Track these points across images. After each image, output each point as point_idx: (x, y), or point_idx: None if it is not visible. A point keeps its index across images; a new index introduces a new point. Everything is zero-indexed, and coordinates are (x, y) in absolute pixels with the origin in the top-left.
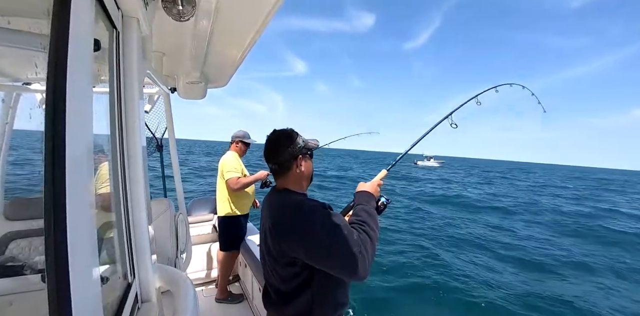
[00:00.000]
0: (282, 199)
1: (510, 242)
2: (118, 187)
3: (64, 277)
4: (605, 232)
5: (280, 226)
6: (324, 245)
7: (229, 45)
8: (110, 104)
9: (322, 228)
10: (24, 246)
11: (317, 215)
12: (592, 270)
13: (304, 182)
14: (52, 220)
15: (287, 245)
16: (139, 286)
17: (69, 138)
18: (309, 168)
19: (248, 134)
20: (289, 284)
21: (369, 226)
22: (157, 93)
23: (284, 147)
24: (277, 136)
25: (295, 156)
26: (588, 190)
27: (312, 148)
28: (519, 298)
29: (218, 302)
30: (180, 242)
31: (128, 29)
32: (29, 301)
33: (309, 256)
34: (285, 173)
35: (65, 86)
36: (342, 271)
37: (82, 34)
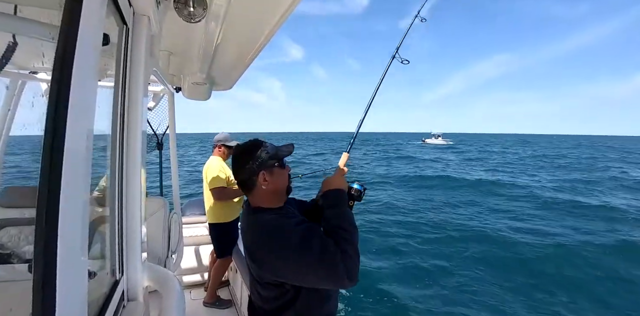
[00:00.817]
0: (254, 221)
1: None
2: (115, 183)
3: (51, 269)
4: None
5: (255, 251)
6: (302, 264)
7: (236, 49)
8: (114, 99)
9: (296, 248)
10: (13, 234)
11: (288, 233)
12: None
13: (276, 197)
14: (44, 210)
15: (265, 268)
16: (126, 284)
17: (69, 130)
18: (279, 182)
19: (230, 136)
20: (272, 304)
21: (343, 229)
22: (162, 92)
23: (242, 163)
24: (236, 152)
25: (255, 172)
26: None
27: (281, 157)
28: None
29: (206, 306)
30: (172, 242)
31: (138, 26)
32: (13, 290)
33: (291, 277)
34: (251, 190)
35: (71, 77)
36: (329, 283)
37: (92, 27)
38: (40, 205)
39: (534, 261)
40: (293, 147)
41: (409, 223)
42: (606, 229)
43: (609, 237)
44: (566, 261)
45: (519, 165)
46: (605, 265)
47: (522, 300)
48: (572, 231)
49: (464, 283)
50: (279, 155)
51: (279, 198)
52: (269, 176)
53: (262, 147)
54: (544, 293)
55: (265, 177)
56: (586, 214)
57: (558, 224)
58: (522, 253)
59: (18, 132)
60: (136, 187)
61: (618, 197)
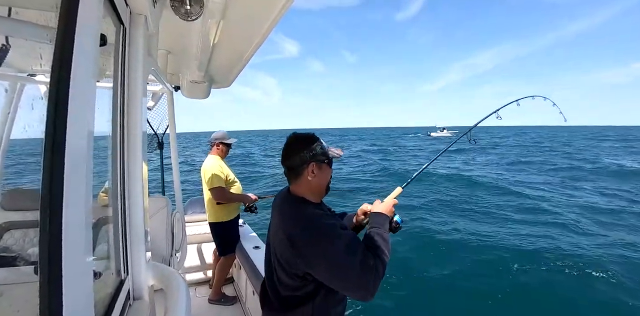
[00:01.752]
0: (298, 210)
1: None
2: (116, 183)
3: (56, 270)
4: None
5: (298, 241)
6: (341, 267)
7: (234, 47)
8: (114, 99)
9: (341, 251)
10: (18, 237)
11: (337, 236)
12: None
13: (318, 191)
14: (48, 212)
15: (302, 261)
16: (131, 284)
17: (69, 131)
18: (323, 177)
19: (227, 134)
20: (292, 293)
21: (382, 252)
22: (161, 91)
23: (296, 151)
24: (292, 139)
25: (306, 162)
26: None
27: (331, 157)
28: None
29: (211, 303)
30: (176, 241)
31: (135, 26)
32: (20, 293)
33: (323, 275)
34: (296, 178)
35: (69, 79)
36: (353, 293)
37: (89, 28)
38: (43, 207)
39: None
40: (342, 152)
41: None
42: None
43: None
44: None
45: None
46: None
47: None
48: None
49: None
50: (329, 154)
51: (318, 194)
52: (317, 169)
53: (317, 142)
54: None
55: (314, 169)
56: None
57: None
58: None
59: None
60: (138, 187)
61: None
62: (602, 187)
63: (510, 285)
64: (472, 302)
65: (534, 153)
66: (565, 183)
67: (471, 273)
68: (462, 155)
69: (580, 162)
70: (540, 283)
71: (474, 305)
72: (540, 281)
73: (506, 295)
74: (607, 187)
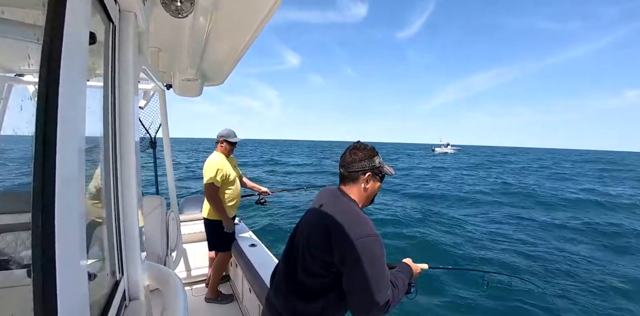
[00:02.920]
0: (352, 207)
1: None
2: (110, 183)
3: (50, 273)
4: None
5: (347, 234)
6: (369, 280)
7: (226, 43)
8: (104, 99)
9: (380, 267)
10: (10, 240)
11: (379, 247)
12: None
13: (364, 200)
14: (40, 214)
15: (340, 254)
16: (127, 284)
17: (60, 132)
18: (373, 189)
19: (234, 132)
20: (312, 280)
21: (398, 293)
22: (153, 90)
23: (360, 158)
24: (358, 147)
25: (365, 170)
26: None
27: (385, 173)
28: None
29: (208, 302)
30: (171, 240)
31: (125, 24)
32: (13, 297)
33: (350, 276)
34: (350, 183)
35: (59, 79)
36: (357, 306)
37: (77, 27)
38: (35, 209)
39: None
40: (394, 172)
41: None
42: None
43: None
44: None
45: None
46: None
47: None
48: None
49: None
50: (384, 170)
51: (365, 203)
52: (372, 180)
53: (379, 156)
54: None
55: (368, 179)
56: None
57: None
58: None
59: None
60: (132, 187)
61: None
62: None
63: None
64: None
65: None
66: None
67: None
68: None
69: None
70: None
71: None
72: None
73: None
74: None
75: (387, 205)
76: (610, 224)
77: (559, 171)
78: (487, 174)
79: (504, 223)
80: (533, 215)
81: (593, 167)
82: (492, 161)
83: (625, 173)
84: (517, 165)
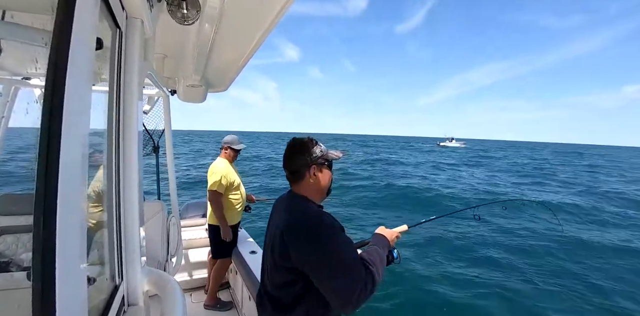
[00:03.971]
0: (300, 205)
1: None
2: (112, 187)
3: (50, 276)
4: None
5: (295, 232)
6: (332, 267)
7: (231, 50)
8: (109, 103)
9: (338, 251)
10: (11, 242)
11: (336, 236)
12: None
13: (318, 193)
14: (41, 217)
15: (295, 253)
16: (126, 289)
17: (64, 136)
18: (324, 179)
19: (237, 139)
20: (282, 292)
21: (377, 269)
22: (157, 95)
23: (297, 154)
24: (293, 143)
25: (308, 165)
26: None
27: (331, 159)
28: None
29: (207, 309)
30: (171, 246)
31: (132, 30)
32: (12, 299)
33: (313, 272)
34: (298, 181)
35: (65, 83)
36: (335, 298)
37: (85, 32)
38: (37, 211)
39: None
40: (342, 154)
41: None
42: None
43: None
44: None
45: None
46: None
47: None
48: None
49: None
50: (329, 156)
51: (320, 196)
52: (319, 172)
53: (317, 145)
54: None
55: (315, 172)
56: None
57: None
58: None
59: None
60: (133, 191)
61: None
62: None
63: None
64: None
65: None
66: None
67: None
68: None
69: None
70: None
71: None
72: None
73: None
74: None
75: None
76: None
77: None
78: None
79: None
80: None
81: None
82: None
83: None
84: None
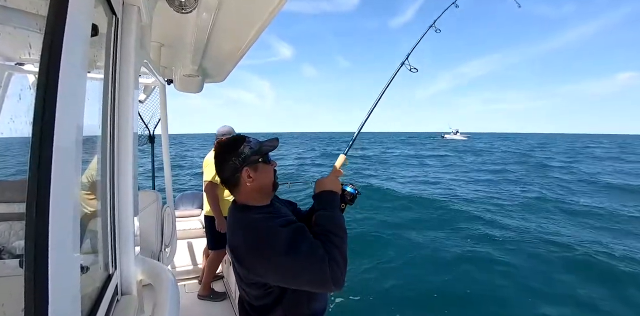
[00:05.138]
0: (238, 220)
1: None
2: (106, 176)
3: (42, 264)
4: None
5: (239, 251)
6: (288, 267)
7: (229, 40)
8: (104, 91)
9: (282, 251)
10: (3, 229)
11: (274, 236)
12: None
13: (262, 194)
14: (34, 204)
15: (251, 271)
16: (119, 278)
17: (58, 123)
18: (263, 177)
19: (233, 130)
20: (261, 301)
21: (333, 233)
22: (153, 84)
23: (225, 160)
24: (218, 149)
25: (239, 169)
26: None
27: (266, 152)
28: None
29: (200, 299)
30: (166, 236)
31: (128, 17)
32: (4, 286)
33: (276, 280)
34: (236, 188)
35: (59, 69)
36: (314, 287)
37: (80, 18)
38: (30, 199)
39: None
40: (278, 142)
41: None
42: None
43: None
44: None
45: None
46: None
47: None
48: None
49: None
50: (262, 150)
51: (265, 195)
52: (253, 172)
53: (245, 143)
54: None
55: (250, 174)
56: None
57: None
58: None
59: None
60: (128, 181)
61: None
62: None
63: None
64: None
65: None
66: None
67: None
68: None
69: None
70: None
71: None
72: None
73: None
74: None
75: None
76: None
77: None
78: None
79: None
80: None
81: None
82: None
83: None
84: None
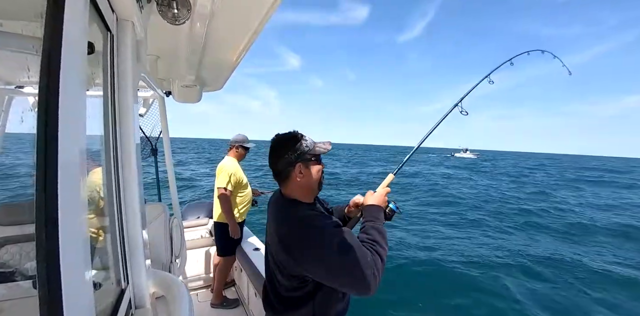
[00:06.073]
0: (289, 211)
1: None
2: (112, 191)
3: (55, 283)
4: None
5: (290, 243)
6: (336, 266)
7: (224, 48)
8: (104, 107)
9: (335, 250)
10: (14, 252)
11: (329, 235)
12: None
13: (308, 191)
14: (43, 225)
15: (296, 263)
16: (132, 292)
17: (61, 142)
18: (312, 176)
19: (247, 138)
20: (292, 293)
21: (379, 245)
22: (152, 97)
23: (281, 154)
24: (275, 142)
25: (293, 163)
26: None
27: (318, 153)
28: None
29: (213, 307)
30: (175, 247)
31: (123, 32)
32: (20, 308)
33: (320, 276)
34: (285, 181)
35: (58, 89)
36: (353, 290)
37: (75, 37)
38: (38, 219)
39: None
40: (330, 146)
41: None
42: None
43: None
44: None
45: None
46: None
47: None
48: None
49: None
50: (316, 150)
51: (311, 193)
52: (305, 169)
53: (302, 140)
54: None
55: (301, 170)
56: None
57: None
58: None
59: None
60: (134, 194)
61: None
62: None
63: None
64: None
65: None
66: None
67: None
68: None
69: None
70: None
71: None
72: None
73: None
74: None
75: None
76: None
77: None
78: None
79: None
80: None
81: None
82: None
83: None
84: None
